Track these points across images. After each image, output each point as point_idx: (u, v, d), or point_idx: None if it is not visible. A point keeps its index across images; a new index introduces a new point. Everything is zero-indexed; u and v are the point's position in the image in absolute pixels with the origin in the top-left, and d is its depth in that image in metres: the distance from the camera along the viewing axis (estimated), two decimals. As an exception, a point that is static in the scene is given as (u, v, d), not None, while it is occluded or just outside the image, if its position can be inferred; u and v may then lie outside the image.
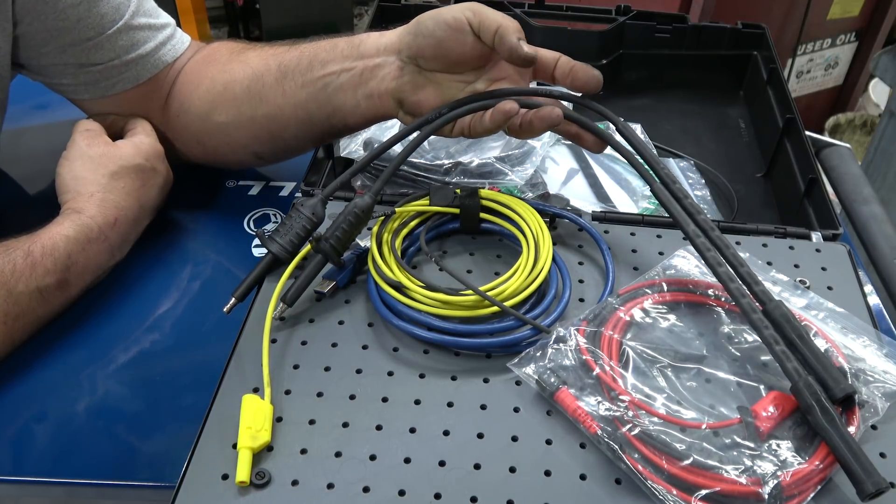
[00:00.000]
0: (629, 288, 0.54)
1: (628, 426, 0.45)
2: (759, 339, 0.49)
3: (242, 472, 0.44)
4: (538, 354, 0.50)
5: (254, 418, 0.46)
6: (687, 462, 0.43)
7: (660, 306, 0.53)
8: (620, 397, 0.46)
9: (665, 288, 0.54)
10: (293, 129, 0.68)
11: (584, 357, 0.49)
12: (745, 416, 0.46)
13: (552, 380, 0.48)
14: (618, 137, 0.60)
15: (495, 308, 0.52)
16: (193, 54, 0.74)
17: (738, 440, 0.45)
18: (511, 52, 0.57)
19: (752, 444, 0.44)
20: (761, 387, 0.48)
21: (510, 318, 0.52)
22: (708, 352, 0.51)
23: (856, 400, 0.46)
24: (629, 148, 0.58)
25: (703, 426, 0.45)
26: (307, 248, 0.55)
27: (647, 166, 0.57)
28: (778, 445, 0.44)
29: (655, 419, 0.45)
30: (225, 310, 0.54)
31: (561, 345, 0.50)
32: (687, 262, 0.56)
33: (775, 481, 0.42)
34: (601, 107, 0.60)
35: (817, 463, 0.43)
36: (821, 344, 0.49)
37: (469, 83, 0.62)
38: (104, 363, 0.62)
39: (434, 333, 0.51)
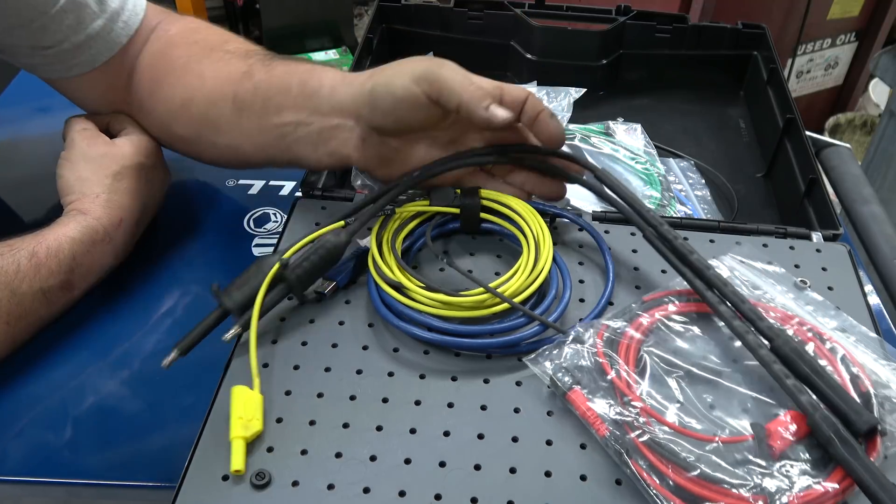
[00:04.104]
0: (654, 295, 0.53)
1: (637, 432, 0.44)
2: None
3: (237, 461, 0.44)
4: (554, 353, 0.49)
5: (245, 408, 0.46)
6: (694, 473, 0.42)
7: (683, 315, 0.52)
8: (633, 403, 0.46)
9: (690, 298, 0.53)
10: (258, 162, 0.67)
11: (600, 360, 0.48)
12: (758, 433, 0.45)
13: (566, 379, 0.48)
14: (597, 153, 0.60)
15: (496, 308, 0.52)
16: (149, 37, 0.70)
17: (750, 457, 0.43)
18: (485, 124, 0.54)
19: (763, 463, 0.43)
20: (778, 405, 0.47)
21: (510, 319, 0.52)
22: (727, 365, 0.50)
23: (878, 430, 0.44)
24: (617, 198, 0.58)
25: (716, 440, 0.44)
26: (275, 268, 0.52)
27: (637, 214, 0.57)
28: (790, 466, 0.43)
29: (666, 428, 0.45)
30: (164, 364, 0.51)
31: (578, 345, 0.49)
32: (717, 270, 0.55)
33: (783, 502, 0.41)
34: (578, 156, 0.60)
35: (830, 487, 0.42)
36: (847, 369, 0.48)
37: (438, 140, 0.60)
38: (104, 363, 0.62)
39: (434, 334, 0.51)
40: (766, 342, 0.48)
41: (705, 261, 0.53)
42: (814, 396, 0.45)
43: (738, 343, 0.50)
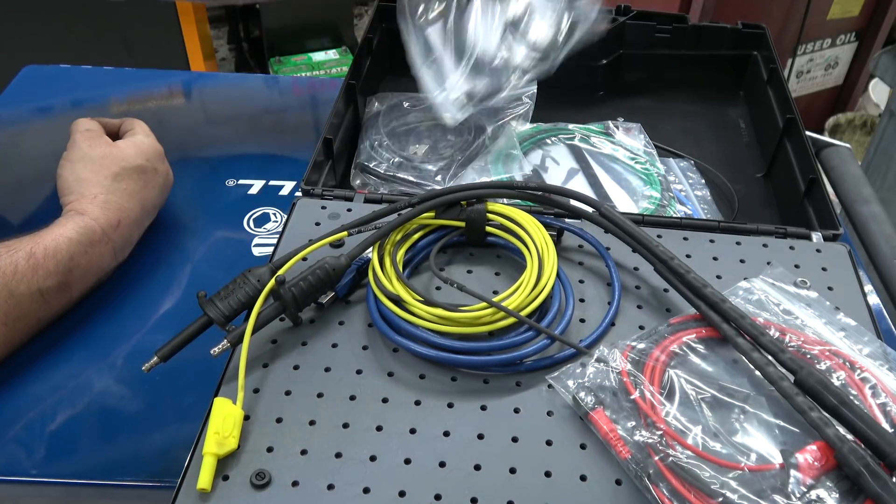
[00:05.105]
0: (681, 318, 0.53)
1: (660, 455, 0.43)
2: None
3: (204, 479, 0.43)
4: (578, 371, 0.49)
5: (223, 424, 0.45)
6: (718, 500, 0.41)
7: (710, 339, 0.51)
8: (656, 425, 0.45)
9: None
10: None
11: (624, 380, 0.48)
12: (787, 462, 0.43)
13: (588, 399, 0.47)
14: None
15: (497, 325, 0.51)
16: None
17: (777, 486, 0.42)
18: None
19: (790, 492, 0.42)
20: (806, 433, 0.46)
21: (510, 336, 0.51)
22: (754, 390, 0.49)
23: None
24: (624, 234, 0.57)
25: (742, 467, 0.43)
26: (271, 283, 0.51)
27: (644, 248, 0.56)
28: (818, 497, 0.42)
29: (689, 452, 0.44)
30: (144, 368, 0.51)
31: (602, 364, 0.49)
32: (748, 294, 0.54)
33: None
34: (579, 192, 0.59)
35: None
36: (878, 399, 0.47)
37: None
38: (104, 363, 0.62)
39: (431, 350, 0.50)
40: (789, 374, 0.47)
41: (720, 293, 0.51)
42: (841, 429, 0.44)
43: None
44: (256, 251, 0.73)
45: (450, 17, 0.73)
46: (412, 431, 0.47)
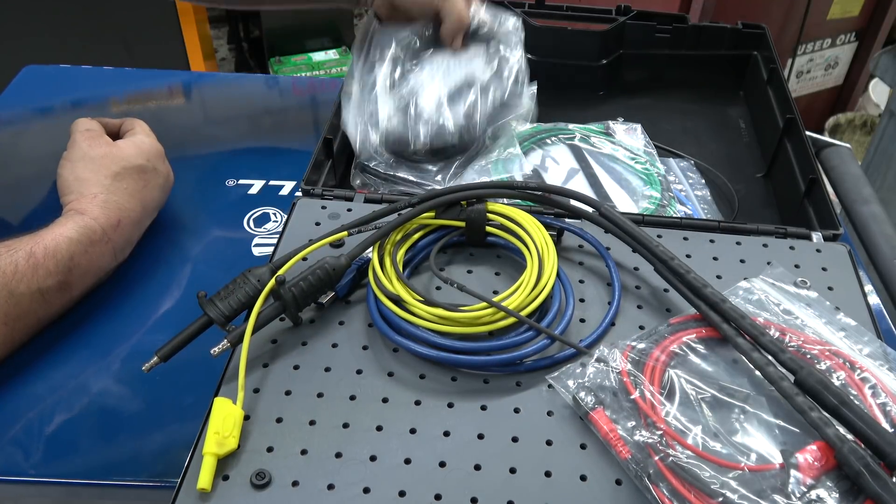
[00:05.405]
0: (680, 318, 0.53)
1: (660, 455, 0.43)
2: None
3: (204, 479, 0.43)
4: (578, 371, 0.49)
5: (223, 424, 0.45)
6: (718, 500, 0.41)
7: (710, 339, 0.51)
8: (656, 425, 0.45)
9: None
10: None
11: (624, 379, 0.48)
12: (787, 462, 0.43)
13: (588, 399, 0.47)
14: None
15: (497, 324, 0.51)
16: None
17: (777, 486, 0.42)
18: None
19: (790, 492, 0.42)
20: (806, 433, 0.45)
21: (509, 336, 0.51)
22: (754, 390, 0.49)
23: None
24: (624, 234, 0.57)
25: (742, 467, 0.43)
26: (271, 282, 0.51)
27: (644, 248, 0.56)
28: (818, 497, 0.42)
29: (689, 452, 0.44)
30: (144, 368, 0.51)
31: (602, 364, 0.49)
32: (748, 294, 0.54)
33: None
34: (579, 192, 0.59)
35: None
36: (878, 399, 0.47)
37: None
38: (105, 363, 0.62)
39: (431, 350, 0.50)
40: (789, 374, 0.47)
41: (720, 293, 0.51)
42: (841, 429, 0.44)
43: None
44: (256, 251, 0.73)
45: (398, 68, 0.77)
46: (412, 431, 0.47)
